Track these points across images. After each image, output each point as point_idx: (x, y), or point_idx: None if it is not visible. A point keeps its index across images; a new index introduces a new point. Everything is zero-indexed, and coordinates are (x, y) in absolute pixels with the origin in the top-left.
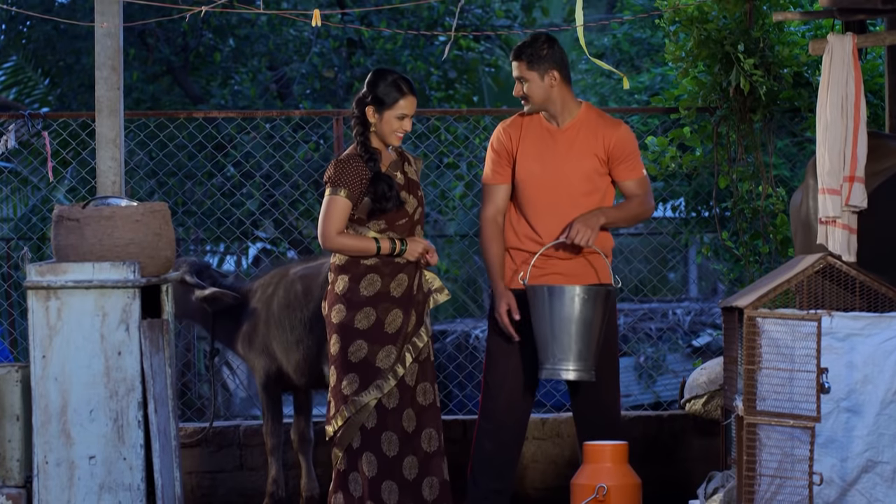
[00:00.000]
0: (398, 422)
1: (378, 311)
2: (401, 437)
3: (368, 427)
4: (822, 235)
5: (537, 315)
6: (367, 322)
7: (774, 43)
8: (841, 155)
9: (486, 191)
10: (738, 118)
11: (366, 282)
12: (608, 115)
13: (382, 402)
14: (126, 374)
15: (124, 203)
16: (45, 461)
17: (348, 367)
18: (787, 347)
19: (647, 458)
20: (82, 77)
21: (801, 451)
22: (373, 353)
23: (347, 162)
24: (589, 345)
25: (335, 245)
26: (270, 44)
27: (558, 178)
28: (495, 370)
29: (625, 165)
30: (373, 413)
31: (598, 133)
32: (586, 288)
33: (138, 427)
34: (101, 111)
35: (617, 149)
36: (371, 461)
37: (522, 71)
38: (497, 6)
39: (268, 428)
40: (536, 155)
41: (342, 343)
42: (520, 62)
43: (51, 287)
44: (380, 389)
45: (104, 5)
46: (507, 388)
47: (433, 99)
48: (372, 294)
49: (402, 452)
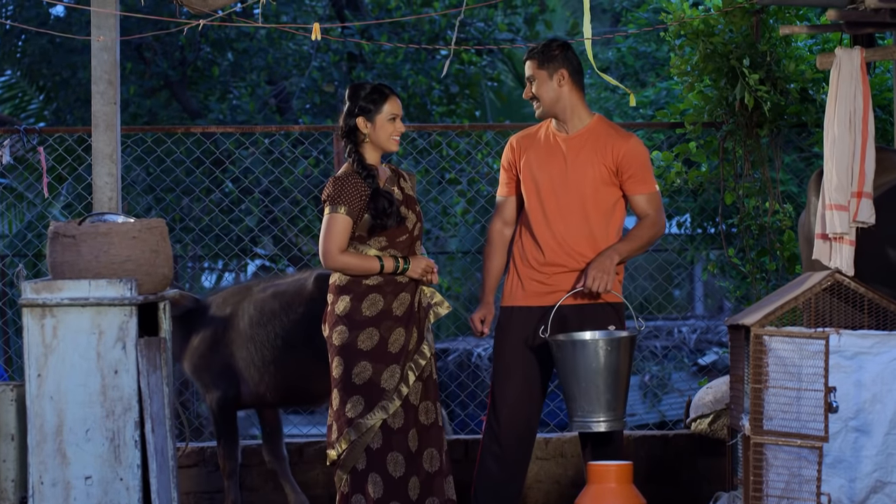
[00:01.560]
0: (404, 442)
1: (381, 330)
2: (406, 458)
3: (374, 448)
4: (824, 252)
5: (562, 368)
6: (370, 343)
7: (781, 57)
8: (849, 170)
9: (497, 203)
10: (744, 133)
11: (368, 301)
12: (621, 128)
13: (388, 423)
14: (123, 392)
15: (121, 219)
16: (41, 481)
17: (352, 389)
18: (795, 366)
19: (652, 479)
20: (78, 91)
21: (808, 471)
22: (377, 374)
23: (346, 179)
24: (617, 394)
25: (338, 264)
26: (269, 58)
27: (563, 184)
28: (501, 391)
29: (634, 179)
30: (378, 434)
31: (608, 143)
32: (610, 339)
33: (135, 447)
34: (98, 126)
35: (626, 160)
36: (377, 482)
37: (533, 69)
38: (500, 20)
39: (224, 451)
40: (541, 164)
41: (345, 365)
42: (531, 61)
43: (46, 305)
44: (385, 410)
45: (100, 19)
46: (513, 408)
47: (435, 114)
48: (374, 314)
49: (408, 473)
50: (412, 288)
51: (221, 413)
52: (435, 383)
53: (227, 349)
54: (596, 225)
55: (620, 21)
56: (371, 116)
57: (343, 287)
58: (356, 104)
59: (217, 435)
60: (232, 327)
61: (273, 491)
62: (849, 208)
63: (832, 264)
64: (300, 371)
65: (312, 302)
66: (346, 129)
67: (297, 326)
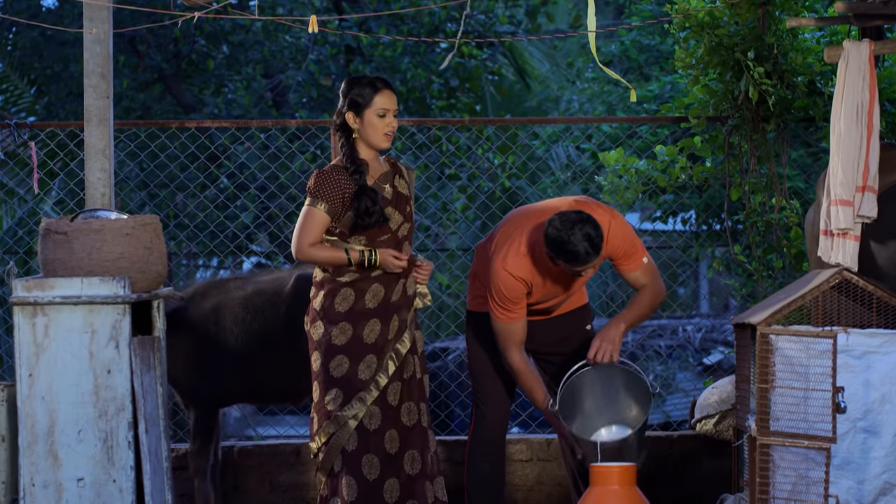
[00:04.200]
0: (380, 443)
1: (354, 325)
2: (382, 460)
3: (349, 450)
4: (829, 248)
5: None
6: (343, 337)
7: (788, 49)
8: (855, 165)
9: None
10: (750, 128)
11: (340, 297)
12: (600, 211)
13: (364, 424)
14: (116, 393)
15: (114, 216)
16: (32, 483)
17: (331, 382)
18: (802, 365)
19: (656, 481)
20: (70, 85)
21: (816, 473)
22: (354, 367)
23: (330, 174)
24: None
25: (306, 256)
26: (265, 51)
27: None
28: (484, 391)
29: (624, 258)
30: (353, 435)
31: None
32: (637, 432)
33: (128, 448)
34: (90, 120)
35: (613, 250)
36: (351, 485)
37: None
38: (500, 12)
39: (197, 448)
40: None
41: (323, 359)
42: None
43: (38, 303)
44: (363, 402)
45: (93, 11)
46: (496, 407)
47: (434, 108)
48: (346, 309)
49: (384, 475)
50: (386, 280)
51: (207, 413)
52: (420, 384)
53: (216, 351)
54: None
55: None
56: (360, 111)
57: (319, 282)
58: (347, 98)
59: (193, 433)
60: (211, 324)
61: (269, 493)
62: (853, 204)
63: (832, 260)
64: (279, 368)
65: (292, 300)
66: (338, 124)
67: (277, 324)
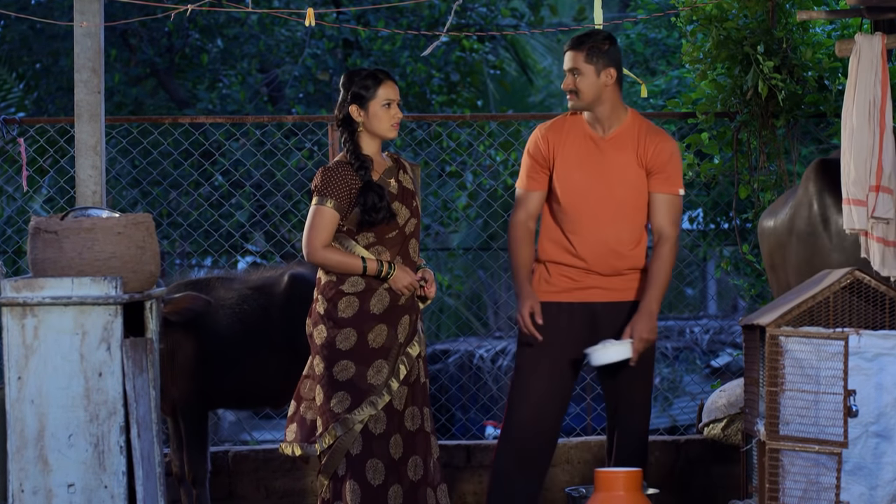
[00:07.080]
0: (385, 448)
1: (359, 330)
2: (387, 465)
3: (353, 454)
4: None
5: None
6: (347, 343)
7: (798, 43)
8: (867, 163)
9: (521, 196)
10: (759, 123)
11: (343, 303)
12: (654, 125)
13: (369, 428)
14: (107, 396)
15: (105, 214)
16: (21, 489)
17: (336, 385)
18: (812, 368)
19: (662, 486)
20: (60, 80)
21: (827, 478)
22: (361, 372)
23: (336, 170)
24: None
25: (320, 259)
26: (261, 44)
27: (603, 190)
28: (522, 388)
29: (659, 177)
30: (358, 439)
31: (642, 142)
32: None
33: (120, 453)
34: (81, 116)
35: (654, 157)
36: (354, 490)
37: (578, 62)
38: (502, 4)
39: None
40: (578, 163)
41: (326, 363)
42: (577, 52)
43: (27, 304)
44: (374, 406)
45: (84, 3)
46: (535, 407)
47: (435, 103)
48: (351, 315)
49: (389, 481)
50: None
51: (203, 419)
52: (424, 388)
53: (212, 353)
54: (631, 226)
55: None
56: (364, 103)
57: (323, 286)
58: (349, 91)
59: (186, 440)
60: (211, 331)
61: (265, 499)
62: (867, 203)
63: (886, 272)
64: (272, 371)
65: (286, 300)
66: (340, 119)
67: (270, 325)
